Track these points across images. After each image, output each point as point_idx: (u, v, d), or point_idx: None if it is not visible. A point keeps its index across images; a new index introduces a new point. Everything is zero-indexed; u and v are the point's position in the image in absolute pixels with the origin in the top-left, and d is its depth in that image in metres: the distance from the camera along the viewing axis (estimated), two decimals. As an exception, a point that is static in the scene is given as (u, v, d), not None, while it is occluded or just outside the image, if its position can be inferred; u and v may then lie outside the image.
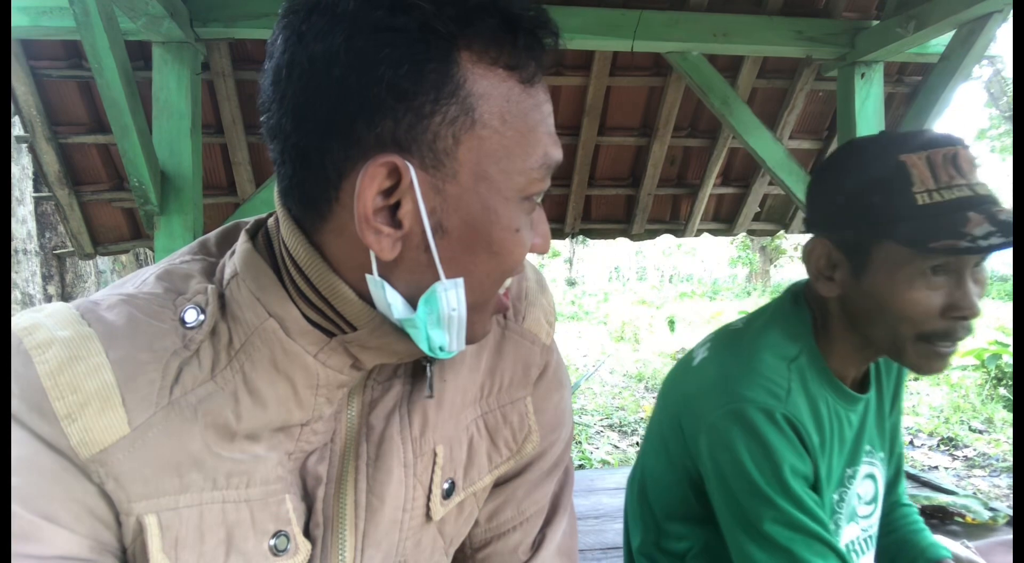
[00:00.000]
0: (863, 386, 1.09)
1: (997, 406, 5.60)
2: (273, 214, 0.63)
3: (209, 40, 2.26)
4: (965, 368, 6.53)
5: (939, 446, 4.86)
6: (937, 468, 4.41)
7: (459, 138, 0.51)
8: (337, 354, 0.59)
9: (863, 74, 2.49)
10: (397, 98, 0.49)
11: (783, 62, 2.92)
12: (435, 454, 0.67)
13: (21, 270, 5.57)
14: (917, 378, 6.81)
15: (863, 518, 1.10)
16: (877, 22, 2.43)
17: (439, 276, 0.54)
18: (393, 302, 0.55)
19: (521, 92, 0.54)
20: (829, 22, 2.52)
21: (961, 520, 2.05)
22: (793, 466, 0.92)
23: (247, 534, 0.57)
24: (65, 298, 5.80)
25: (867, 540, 1.11)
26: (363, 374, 0.63)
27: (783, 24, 2.47)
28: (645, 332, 11.03)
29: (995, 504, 2.14)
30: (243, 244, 0.61)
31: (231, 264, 0.61)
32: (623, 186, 3.39)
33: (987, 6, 2.00)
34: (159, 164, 2.10)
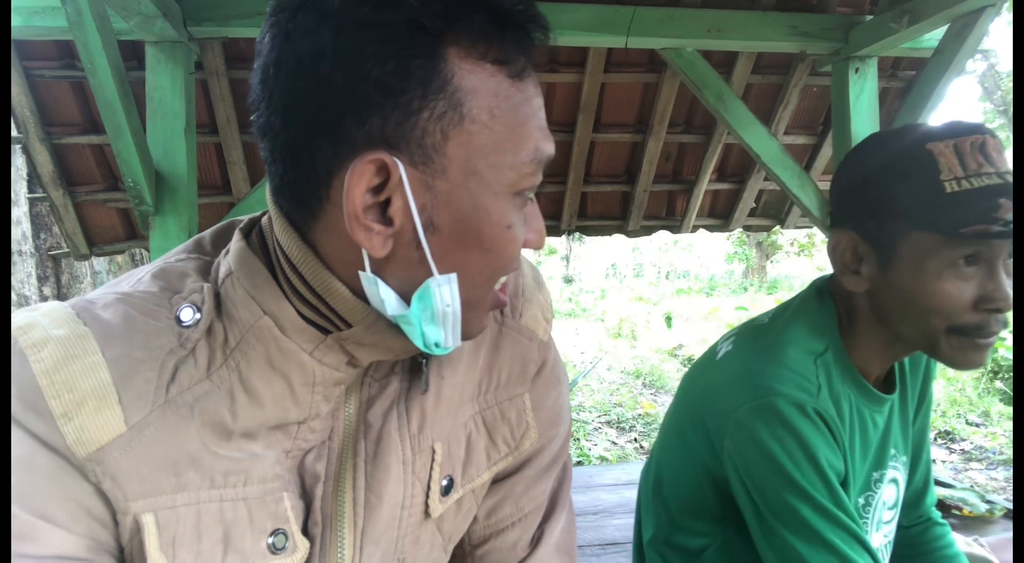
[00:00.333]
0: (887, 386, 1.05)
1: (994, 399, 5.62)
2: (267, 212, 0.62)
3: (202, 39, 2.25)
4: (961, 362, 6.54)
5: (936, 439, 4.87)
6: (935, 461, 4.42)
7: (448, 134, 0.51)
8: (333, 351, 0.59)
9: (857, 69, 2.49)
10: (384, 95, 0.49)
11: (777, 58, 2.93)
12: (433, 451, 0.67)
13: (16, 272, 5.55)
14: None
15: (885, 524, 1.07)
16: (871, 17, 2.43)
17: (432, 272, 0.54)
18: (387, 298, 0.55)
19: (510, 87, 0.53)
20: (823, 17, 2.52)
21: (958, 513, 2.06)
22: (828, 460, 0.89)
23: (245, 532, 0.57)
24: (61, 299, 5.78)
25: (887, 547, 1.08)
26: (360, 371, 0.63)
27: (777, 19, 2.47)
28: (642, 328, 11.04)
29: (992, 497, 2.15)
30: (237, 242, 0.61)
31: (226, 263, 0.61)
32: (619, 183, 3.39)
33: (980, 0, 2.00)
34: (153, 164, 2.09)
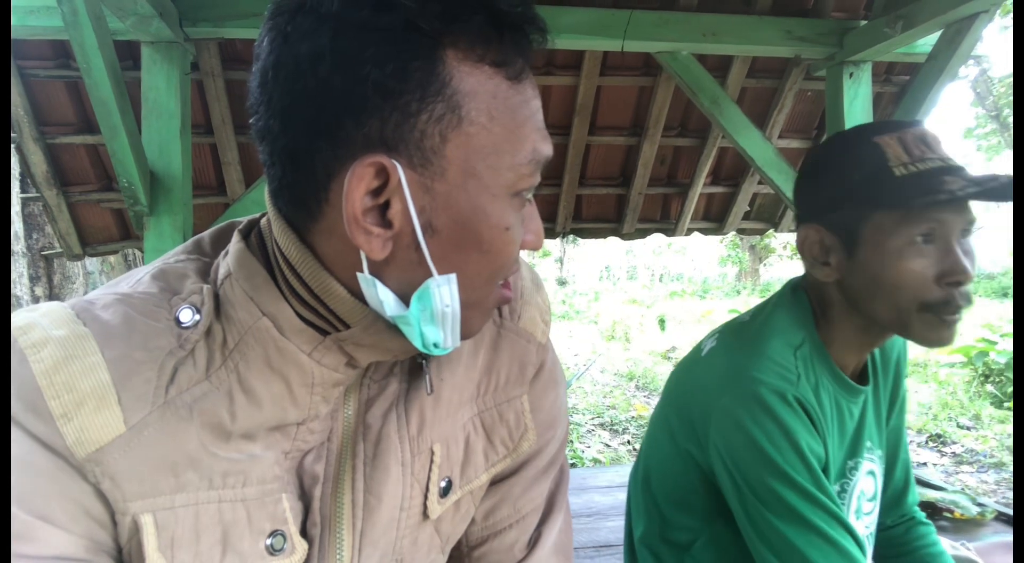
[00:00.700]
0: (862, 380, 1.11)
1: (984, 402, 5.65)
2: (266, 214, 0.63)
3: (198, 40, 2.25)
4: (953, 365, 6.58)
5: (927, 442, 4.90)
6: (926, 464, 4.44)
7: (446, 136, 0.51)
8: (331, 352, 0.59)
9: (851, 74, 2.50)
10: (383, 97, 0.49)
11: (772, 62, 2.94)
12: (432, 452, 0.67)
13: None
14: (906, 375, 6.85)
15: (866, 515, 1.11)
16: (865, 22, 2.44)
17: (431, 274, 0.54)
18: (385, 300, 0.55)
19: (508, 88, 0.54)
20: (818, 22, 2.53)
21: (949, 516, 2.07)
22: (809, 445, 0.93)
23: (243, 533, 0.57)
24: (53, 299, 5.75)
25: (869, 538, 1.12)
26: (359, 372, 0.63)
27: (772, 24, 2.48)
28: (636, 331, 11.05)
29: (983, 500, 2.16)
30: (236, 244, 0.61)
31: (225, 264, 0.61)
32: (613, 185, 3.39)
33: (973, 6, 2.01)
34: (148, 164, 2.09)
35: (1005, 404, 5.52)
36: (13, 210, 5.59)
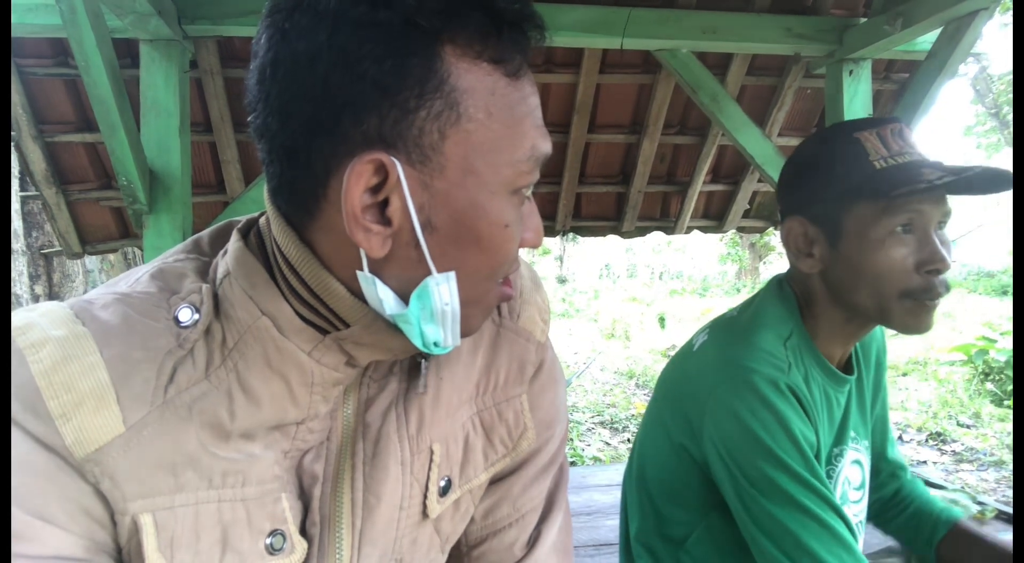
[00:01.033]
0: (847, 371, 1.14)
1: (984, 401, 5.65)
2: (265, 213, 0.62)
3: (197, 38, 2.24)
4: (953, 364, 6.59)
5: (928, 441, 4.90)
6: (926, 462, 4.45)
7: (445, 133, 0.51)
8: (331, 351, 0.59)
9: (851, 71, 2.50)
10: (381, 94, 0.49)
11: (772, 59, 2.93)
12: (431, 452, 0.67)
13: (7, 270, 5.51)
14: (906, 373, 6.87)
15: (854, 503, 1.13)
16: (865, 19, 2.44)
17: (430, 272, 0.54)
18: (384, 298, 0.55)
19: (507, 85, 0.54)
20: (817, 19, 2.53)
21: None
22: (802, 431, 0.96)
23: (243, 533, 0.57)
24: (53, 298, 5.75)
25: (859, 526, 1.14)
26: (359, 372, 0.63)
27: (772, 21, 2.48)
28: (636, 329, 11.06)
29: (983, 498, 2.17)
30: (235, 243, 0.61)
31: (224, 263, 0.61)
32: (613, 183, 3.39)
33: (973, 4, 2.01)
34: (147, 163, 2.08)
35: (1005, 402, 5.53)
36: (13, 208, 5.59)
